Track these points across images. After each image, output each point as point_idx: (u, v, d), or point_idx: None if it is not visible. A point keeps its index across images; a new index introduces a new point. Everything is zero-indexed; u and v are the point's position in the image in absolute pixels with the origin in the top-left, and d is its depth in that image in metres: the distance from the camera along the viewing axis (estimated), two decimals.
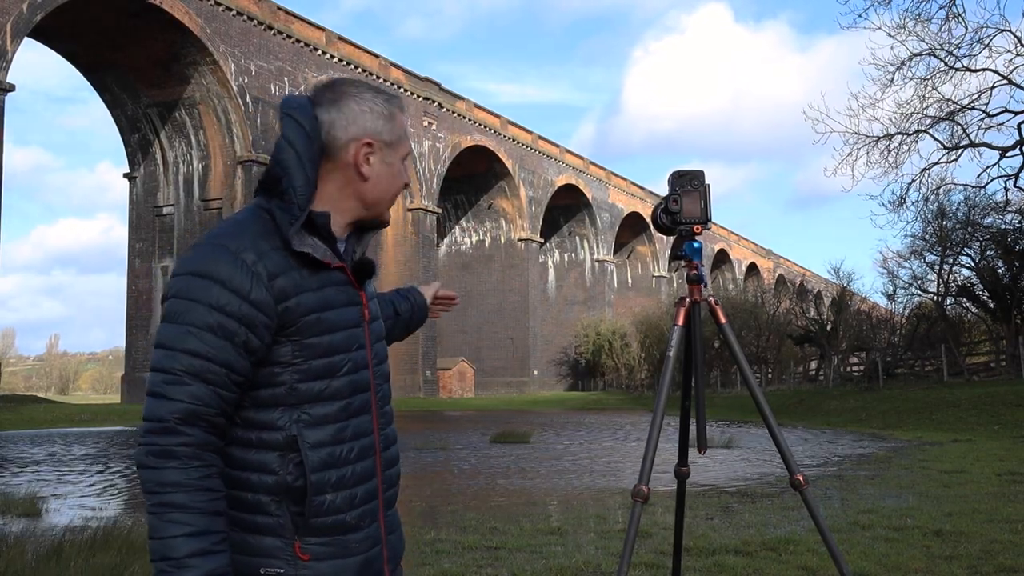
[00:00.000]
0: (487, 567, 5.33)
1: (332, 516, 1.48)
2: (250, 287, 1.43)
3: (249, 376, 1.45)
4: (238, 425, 1.48)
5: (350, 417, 1.52)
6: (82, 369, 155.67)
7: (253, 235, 1.47)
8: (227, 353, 1.41)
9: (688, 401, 2.90)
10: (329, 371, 1.50)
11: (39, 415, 27.63)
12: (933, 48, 22.93)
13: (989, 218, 28.97)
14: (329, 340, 1.50)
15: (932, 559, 5.30)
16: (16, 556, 4.95)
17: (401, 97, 1.65)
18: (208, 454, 1.42)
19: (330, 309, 1.50)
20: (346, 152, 1.54)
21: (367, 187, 1.57)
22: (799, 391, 34.31)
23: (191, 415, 1.40)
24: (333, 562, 1.49)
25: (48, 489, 10.11)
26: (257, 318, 1.43)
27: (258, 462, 1.47)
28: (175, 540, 1.37)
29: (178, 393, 1.40)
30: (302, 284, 1.47)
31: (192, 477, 1.39)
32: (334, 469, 1.49)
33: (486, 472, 12.02)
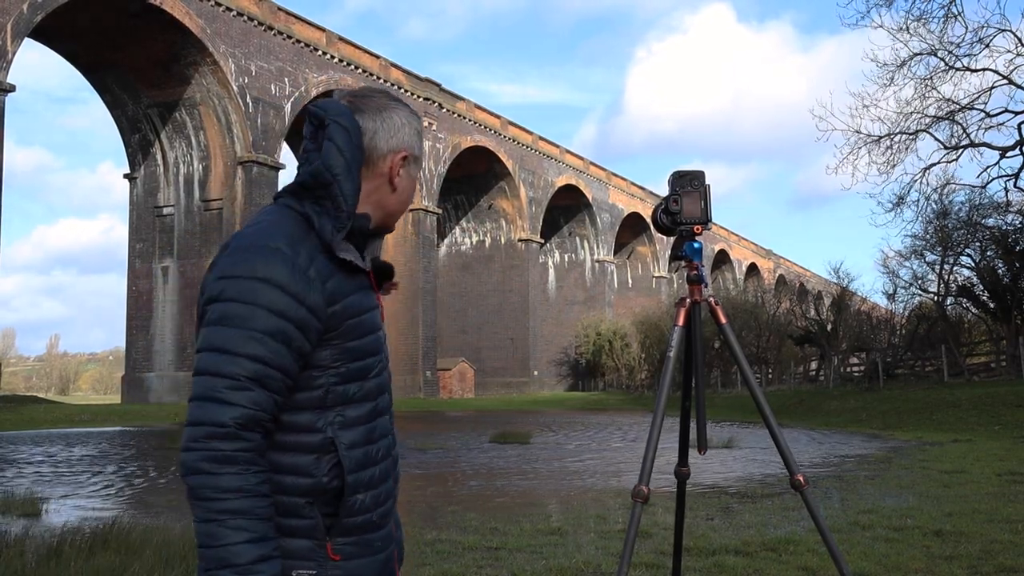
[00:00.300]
0: (487, 567, 5.33)
1: (362, 515, 1.50)
2: (308, 292, 1.43)
3: (296, 379, 1.45)
4: (278, 429, 1.47)
5: (377, 417, 1.55)
6: (82, 369, 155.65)
7: (298, 238, 1.47)
8: (284, 358, 1.41)
9: (688, 401, 2.90)
10: (362, 373, 1.52)
11: (39, 415, 27.63)
12: (933, 48, 22.96)
13: (990, 218, 28.99)
14: (364, 343, 1.52)
15: (932, 559, 5.30)
16: (16, 556, 4.95)
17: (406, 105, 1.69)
18: (263, 459, 1.42)
19: (365, 312, 1.53)
20: (384, 162, 1.58)
21: (393, 198, 1.61)
22: (799, 391, 34.31)
23: (251, 420, 1.39)
24: (360, 561, 1.50)
25: (48, 489, 10.11)
26: (311, 322, 1.44)
27: (293, 465, 1.46)
28: (238, 547, 1.36)
29: (240, 398, 1.38)
30: (346, 288, 1.49)
31: (251, 483, 1.38)
32: (366, 469, 1.51)
33: (486, 473, 12.02)
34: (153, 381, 38.26)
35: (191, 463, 1.39)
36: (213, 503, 1.36)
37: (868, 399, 26.60)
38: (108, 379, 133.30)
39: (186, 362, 37.50)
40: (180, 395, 36.69)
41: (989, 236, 28.86)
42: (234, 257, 1.45)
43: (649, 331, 55.99)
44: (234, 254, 1.46)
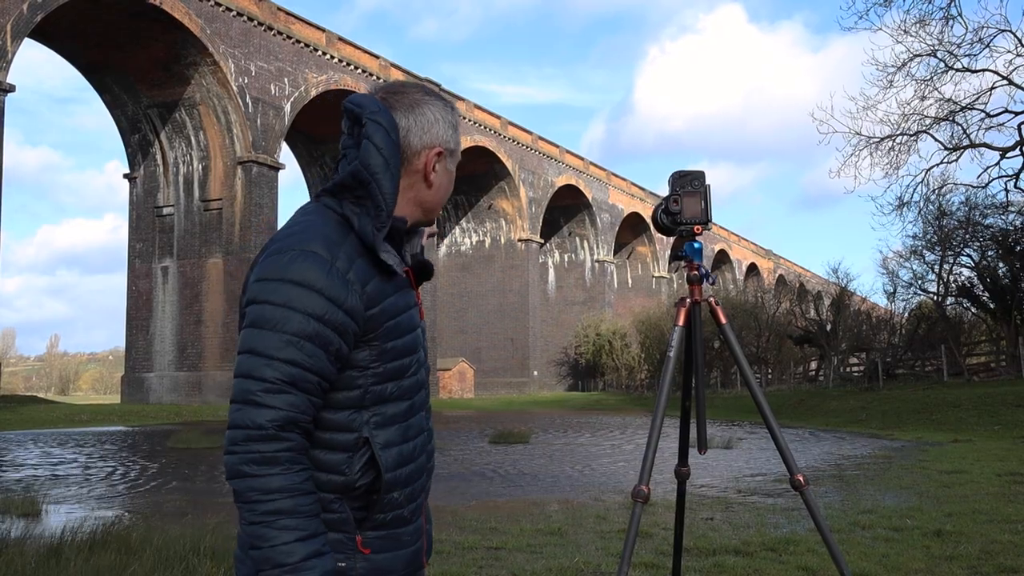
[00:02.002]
0: (487, 567, 5.33)
1: (393, 511, 1.52)
2: (346, 295, 1.43)
3: (332, 382, 1.46)
4: (316, 427, 1.49)
5: (413, 416, 1.56)
6: (82, 369, 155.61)
7: (338, 241, 1.47)
8: (321, 362, 1.42)
9: (688, 401, 2.90)
10: (400, 373, 1.53)
11: (39, 415, 27.63)
12: (933, 49, 22.96)
13: (990, 218, 29.00)
14: (402, 343, 1.53)
15: (932, 559, 5.30)
16: (15, 556, 4.95)
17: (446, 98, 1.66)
18: (304, 458, 1.43)
19: (403, 312, 1.54)
20: (418, 159, 1.58)
21: (430, 193, 1.61)
22: (799, 391, 34.30)
23: (289, 422, 1.40)
24: (389, 554, 1.52)
25: (48, 489, 10.11)
26: (349, 326, 1.44)
27: (327, 462, 1.47)
28: (289, 546, 1.37)
29: (277, 401, 1.40)
30: (385, 290, 1.50)
31: (296, 482, 1.40)
32: (402, 468, 1.53)
33: (486, 472, 12.02)
34: (153, 381, 38.25)
35: (234, 466, 1.40)
36: (259, 505, 1.38)
37: (868, 399, 26.60)
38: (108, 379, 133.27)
39: (186, 362, 37.51)
40: (180, 395, 36.70)
41: (989, 236, 28.87)
42: (272, 259, 1.46)
43: (649, 331, 55.96)
44: (272, 256, 1.47)
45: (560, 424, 25.31)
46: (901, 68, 23.31)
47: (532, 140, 59.20)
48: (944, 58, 23.15)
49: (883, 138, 24.41)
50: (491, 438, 18.07)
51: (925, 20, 22.44)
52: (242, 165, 37.50)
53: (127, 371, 39.79)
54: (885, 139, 24.40)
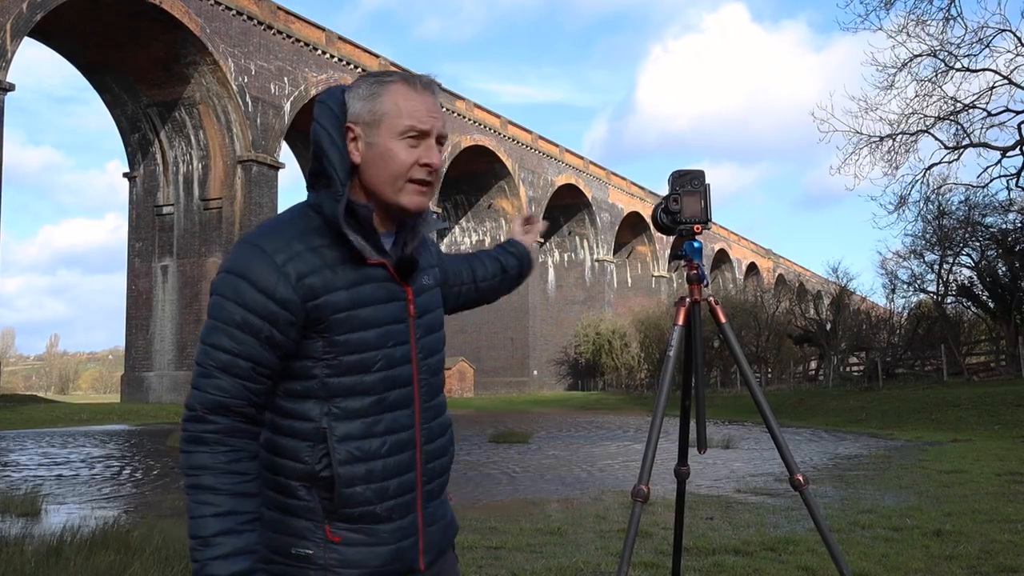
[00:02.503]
0: (487, 567, 5.32)
1: (360, 507, 1.52)
2: (277, 286, 1.47)
3: (276, 368, 1.50)
4: (276, 413, 1.53)
5: (383, 412, 1.54)
6: (82, 369, 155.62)
7: (290, 235, 1.51)
8: (252, 348, 1.47)
9: (688, 401, 2.89)
10: (361, 367, 1.52)
11: (39, 415, 27.63)
12: (934, 49, 22.97)
13: (990, 218, 29.01)
14: (360, 337, 1.52)
15: (932, 559, 5.29)
16: (15, 555, 4.95)
17: (411, 75, 1.62)
18: (236, 439, 1.48)
19: (364, 306, 1.52)
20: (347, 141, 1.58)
21: (362, 174, 1.56)
22: (799, 391, 34.31)
23: (218, 406, 1.47)
24: (361, 549, 1.52)
25: (47, 489, 10.11)
26: (281, 315, 1.47)
27: (288, 448, 1.52)
28: (204, 520, 1.44)
29: (208, 385, 1.47)
30: (333, 282, 1.50)
31: (219, 460, 1.46)
32: (363, 463, 1.51)
33: (485, 472, 12.02)
34: (152, 380, 38.24)
35: (180, 443, 1.50)
36: (188, 479, 1.47)
37: (868, 399, 26.60)
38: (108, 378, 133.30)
39: (185, 361, 37.49)
40: (179, 394, 36.68)
41: (989, 236, 28.87)
42: (228, 254, 1.54)
43: (649, 331, 55.96)
44: (229, 251, 1.55)
45: (560, 424, 25.31)
46: (902, 69, 23.33)
47: (532, 139, 59.19)
48: (944, 58, 23.16)
49: (883, 137, 24.42)
50: (491, 438, 18.08)
51: (925, 20, 22.46)
52: (242, 164, 37.49)
53: (127, 370, 39.78)
54: (885, 138, 24.41)
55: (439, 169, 1.59)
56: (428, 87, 1.60)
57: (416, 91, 1.58)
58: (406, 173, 1.55)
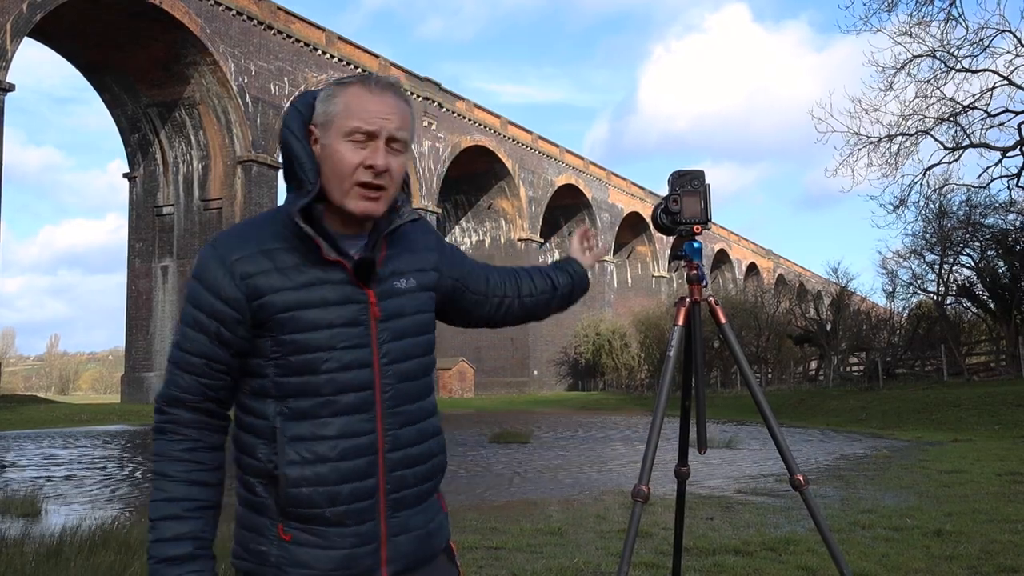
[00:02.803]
0: (487, 567, 5.32)
1: (308, 509, 1.52)
2: (221, 285, 1.52)
3: (232, 365, 1.55)
4: (239, 409, 1.58)
5: (335, 415, 1.53)
6: (82, 369, 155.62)
7: (247, 236, 1.55)
8: (203, 346, 1.53)
9: (688, 401, 2.89)
10: (308, 368, 1.52)
11: (39, 415, 27.63)
12: (934, 50, 22.96)
13: (990, 218, 29.01)
14: (306, 338, 1.52)
15: (932, 559, 5.29)
16: (15, 556, 4.95)
17: (371, 77, 1.60)
18: (193, 430, 1.54)
19: (311, 308, 1.52)
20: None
21: (323, 175, 1.56)
22: (799, 391, 34.31)
23: (174, 400, 1.55)
24: (312, 550, 1.52)
25: (47, 489, 10.11)
26: (227, 314, 1.52)
27: (249, 445, 1.56)
28: (156, 504, 1.53)
29: (169, 381, 1.56)
30: (280, 283, 1.52)
31: (174, 449, 1.53)
32: (310, 465, 1.51)
33: (485, 472, 12.02)
34: (153, 380, 38.23)
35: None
36: (153, 464, 1.56)
37: (868, 399, 26.60)
38: (108, 379, 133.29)
39: None
40: None
41: (989, 236, 28.87)
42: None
43: (649, 331, 55.97)
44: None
45: (560, 424, 25.32)
46: (901, 69, 23.32)
47: (532, 140, 59.19)
48: (944, 59, 23.16)
49: (882, 138, 24.42)
50: (491, 438, 18.07)
51: (926, 21, 22.46)
52: (242, 164, 37.49)
53: (127, 371, 39.78)
54: (884, 139, 24.40)
55: (392, 172, 1.55)
56: (387, 88, 1.57)
57: (370, 92, 1.56)
58: (351, 175, 1.53)
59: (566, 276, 2.04)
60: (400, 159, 1.58)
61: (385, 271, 1.59)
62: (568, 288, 2.04)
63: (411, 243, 1.67)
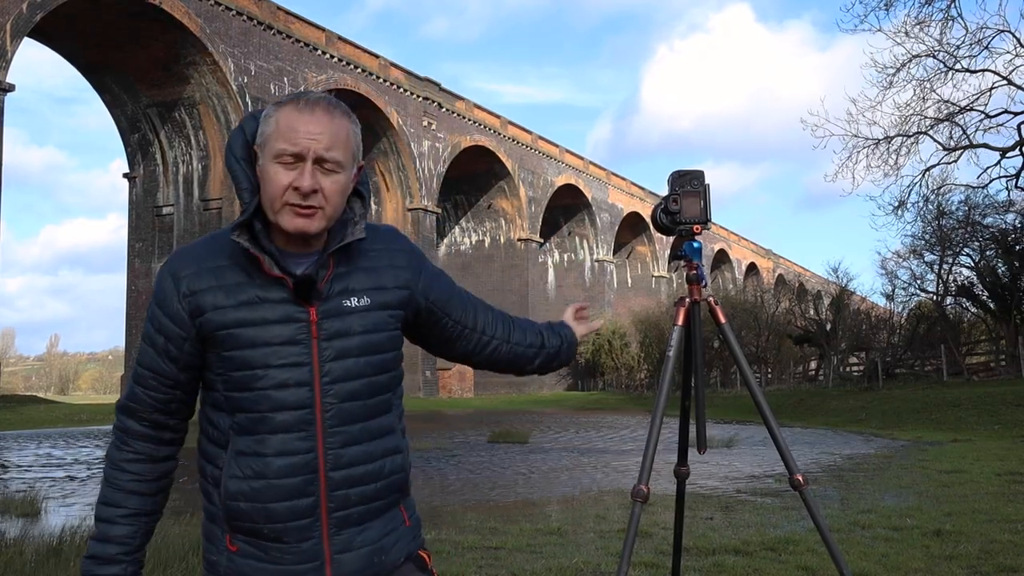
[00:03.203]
0: (487, 567, 5.32)
1: (246, 523, 1.55)
2: (168, 302, 1.57)
3: (179, 379, 1.60)
4: (202, 419, 1.63)
5: (272, 432, 1.53)
6: (82, 369, 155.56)
7: (197, 254, 1.59)
8: (152, 359, 1.59)
9: (688, 401, 2.89)
10: (246, 384, 1.54)
11: (38, 415, 27.63)
12: (932, 50, 22.96)
13: (989, 218, 29.01)
14: (244, 355, 1.53)
15: (932, 559, 5.29)
16: (15, 556, 4.95)
17: (303, 94, 1.57)
18: (138, 443, 1.61)
19: (248, 326, 1.53)
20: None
21: (261, 195, 1.56)
22: (799, 391, 34.31)
23: (125, 409, 1.63)
24: (255, 563, 1.55)
25: (47, 489, 10.11)
26: (172, 330, 1.57)
27: (211, 453, 1.61)
28: (98, 506, 1.62)
29: (125, 390, 1.64)
30: (222, 301, 1.54)
31: (117, 457, 1.62)
32: (248, 480, 1.53)
33: (485, 472, 12.01)
34: None
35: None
36: (103, 466, 1.69)
37: (868, 399, 26.60)
38: (108, 379, 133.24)
39: None
40: None
41: (988, 236, 28.87)
42: None
43: (649, 331, 55.95)
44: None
45: (559, 423, 25.31)
46: (900, 69, 23.31)
47: (532, 140, 59.19)
48: (944, 59, 23.16)
49: (881, 139, 24.41)
50: (490, 437, 18.07)
51: (925, 21, 22.45)
52: None
53: (127, 371, 39.76)
54: (883, 141, 24.40)
55: (325, 192, 1.53)
56: (316, 106, 1.54)
57: (300, 111, 1.53)
58: (280, 196, 1.52)
59: (557, 339, 2.05)
60: (334, 178, 1.54)
61: (333, 289, 1.57)
62: (555, 350, 2.03)
63: (371, 261, 1.63)
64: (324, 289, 1.56)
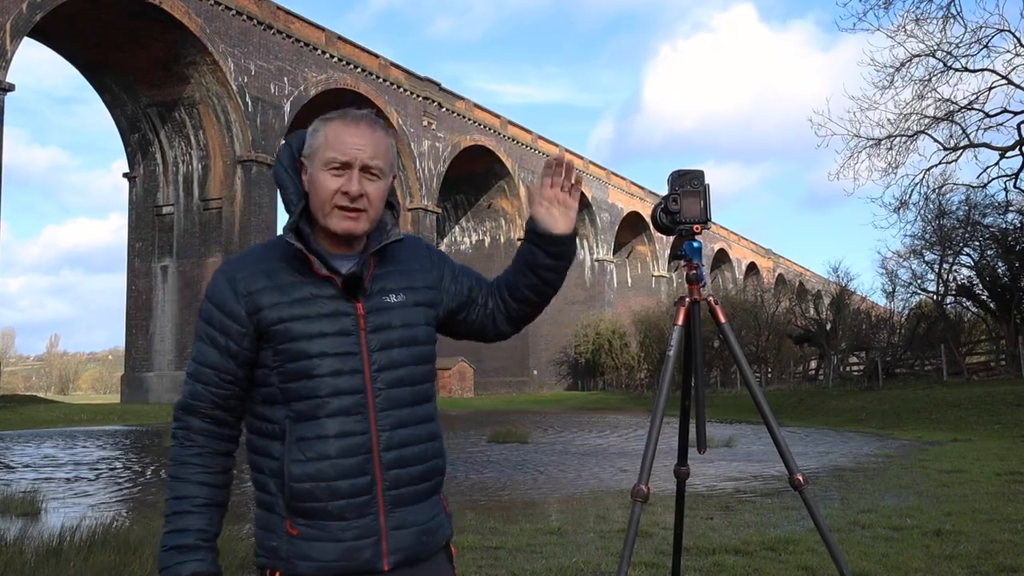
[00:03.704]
0: (487, 567, 5.32)
1: (310, 503, 1.65)
2: (226, 302, 1.69)
3: (238, 375, 1.71)
4: (253, 416, 1.73)
5: (330, 416, 1.66)
6: (82, 369, 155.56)
7: (253, 258, 1.73)
8: (212, 356, 1.70)
9: (688, 400, 2.89)
10: (304, 374, 1.67)
11: (38, 415, 27.64)
12: (932, 49, 22.95)
13: (989, 218, 28.99)
14: (299, 346, 1.67)
15: (932, 559, 5.29)
16: (15, 555, 4.95)
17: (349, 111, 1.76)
18: (201, 436, 1.71)
19: (302, 319, 1.67)
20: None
21: (310, 201, 1.73)
22: (799, 391, 34.31)
23: (186, 407, 1.72)
24: (314, 544, 1.65)
25: (47, 488, 10.10)
26: (231, 327, 1.69)
27: (263, 447, 1.71)
28: (168, 501, 1.69)
29: (184, 391, 1.73)
30: (276, 299, 1.68)
31: (183, 454, 1.70)
32: (312, 463, 1.65)
33: (485, 472, 12.01)
34: (152, 381, 38.24)
35: None
36: (169, 467, 1.73)
37: (868, 399, 26.60)
38: (108, 379, 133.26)
39: (185, 362, 37.35)
40: (179, 394, 36.61)
41: (988, 235, 28.86)
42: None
43: (648, 330, 55.94)
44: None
45: (559, 423, 25.31)
46: (900, 68, 23.30)
47: (532, 139, 59.20)
48: (943, 58, 23.14)
49: (882, 139, 24.40)
50: (490, 437, 18.07)
51: (924, 20, 22.44)
52: (242, 164, 37.49)
53: (127, 371, 39.78)
54: (884, 140, 24.39)
55: (369, 196, 1.70)
56: (361, 121, 1.73)
57: (347, 125, 1.72)
58: (330, 200, 1.69)
59: (526, 247, 1.89)
60: (377, 184, 1.72)
61: (374, 287, 1.73)
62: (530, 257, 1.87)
63: (401, 263, 1.79)
64: (368, 287, 1.72)
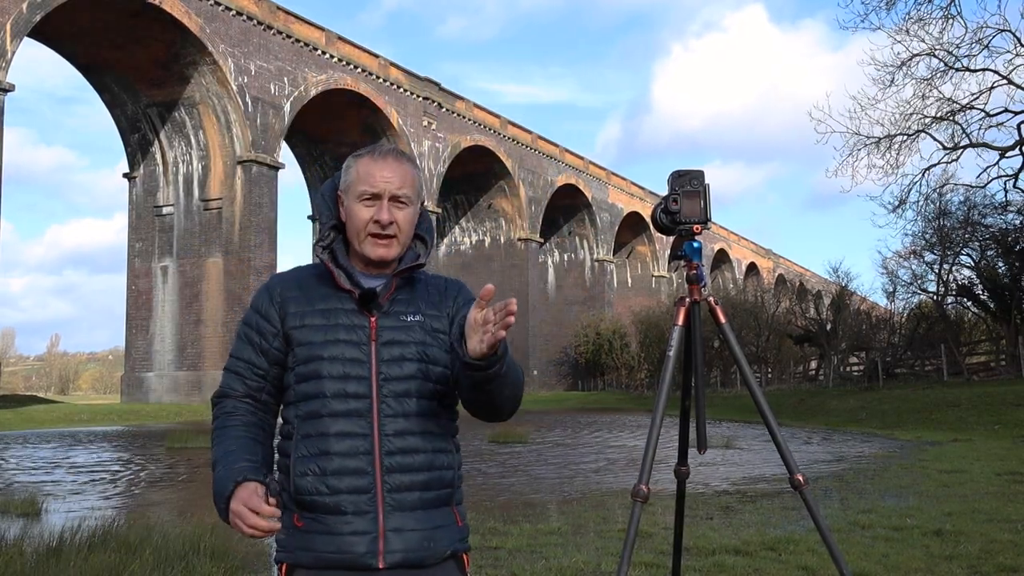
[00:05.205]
0: (487, 567, 5.32)
1: (311, 496, 1.78)
2: (264, 306, 1.91)
3: (267, 371, 1.90)
4: (281, 420, 1.92)
5: (333, 416, 1.80)
6: (82, 369, 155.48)
7: (292, 275, 1.95)
8: (247, 353, 1.90)
9: (688, 401, 2.89)
10: (314, 375, 1.83)
11: (39, 415, 27.64)
12: (933, 48, 22.95)
13: (989, 218, 28.98)
14: (312, 350, 1.83)
15: (932, 559, 5.29)
16: (15, 555, 4.95)
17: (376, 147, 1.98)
18: (241, 405, 1.88)
19: (320, 326, 1.85)
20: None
21: (347, 229, 1.93)
22: (799, 391, 34.30)
23: (222, 394, 1.92)
24: (316, 536, 1.78)
25: (47, 488, 10.11)
26: (265, 327, 1.90)
27: (283, 447, 1.88)
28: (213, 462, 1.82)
29: (221, 383, 1.94)
30: (302, 306, 1.87)
31: (223, 424, 1.87)
32: (313, 458, 1.79)
33: (484, 472, 12.01)
34: (152, 381, 38.21)
35: None
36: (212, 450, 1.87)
37: (868, 399, 26.59)
38: (108, 379, 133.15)
39: (185, 362, 37.47)
40: (179, 395, 36.66)
41: (989, 235, 28.86)
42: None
43: (649, 330, 55.92)
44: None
45: (559, 423, 25.31)
46: (901, 68, 23.31)
47: (532, 139, 59.18)
48: (944, 58, 23.15)
49: (882, 138, 24.41)
50: (490, 437, 18.06)
51: (925, 19, 22.45)
52: (242, 164, 37.46)
53: (127, 371, 39.75)
54: (884, 139, 24.39)
55: (399, 223, 1.88)
56: (388, 155, 1.92)
57: (375, 161, 1.91)
58: (364, 228, 1.88)
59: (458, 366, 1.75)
60: (405, 211, 1.90)
61: (394, 307, 1.88)
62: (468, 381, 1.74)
63: (426, 291, 1.94)
64: (385, 304, 1.87)
